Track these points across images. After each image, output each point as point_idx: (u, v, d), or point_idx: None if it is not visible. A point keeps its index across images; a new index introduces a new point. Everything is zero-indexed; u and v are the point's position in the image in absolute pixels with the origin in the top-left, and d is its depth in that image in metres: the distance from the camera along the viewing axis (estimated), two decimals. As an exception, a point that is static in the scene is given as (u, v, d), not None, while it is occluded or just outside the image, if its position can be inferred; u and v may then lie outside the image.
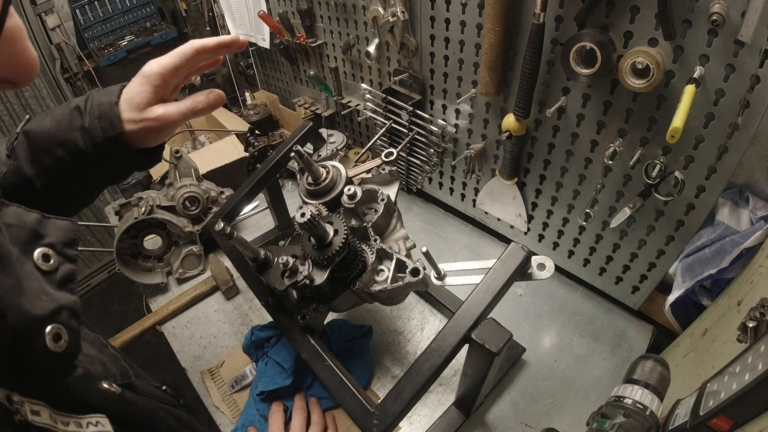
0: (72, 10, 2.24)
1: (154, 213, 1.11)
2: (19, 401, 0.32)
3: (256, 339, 0.93)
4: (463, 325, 0.61)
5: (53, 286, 0.38)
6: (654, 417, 0.53)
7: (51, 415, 0.35)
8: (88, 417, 0.38)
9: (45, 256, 0.39)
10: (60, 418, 0.35)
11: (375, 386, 0.92)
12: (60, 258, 0.41)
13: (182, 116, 0.58)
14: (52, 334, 0.35)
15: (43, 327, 0.35)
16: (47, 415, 0.34)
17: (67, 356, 0.37)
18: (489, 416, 0.85)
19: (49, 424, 0.34)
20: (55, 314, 0.36)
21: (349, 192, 0.76)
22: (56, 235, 0.41)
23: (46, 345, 0.35)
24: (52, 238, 0.41)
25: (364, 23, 1.17)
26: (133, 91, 0.57)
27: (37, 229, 0.40)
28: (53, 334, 0.35)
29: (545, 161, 0.95)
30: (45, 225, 0.41)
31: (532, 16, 0.74)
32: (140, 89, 0.57)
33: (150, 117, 0.56)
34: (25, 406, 0.32)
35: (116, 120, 0.54)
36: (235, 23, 1.72)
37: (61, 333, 0.36)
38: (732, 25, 0.58)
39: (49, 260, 0.40)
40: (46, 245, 0.40)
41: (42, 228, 0.41)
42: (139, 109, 0.56)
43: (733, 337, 0.60)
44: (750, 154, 0.68)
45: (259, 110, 1.67)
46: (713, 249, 0.74)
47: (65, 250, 0.41)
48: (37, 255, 0.39)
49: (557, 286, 1.09)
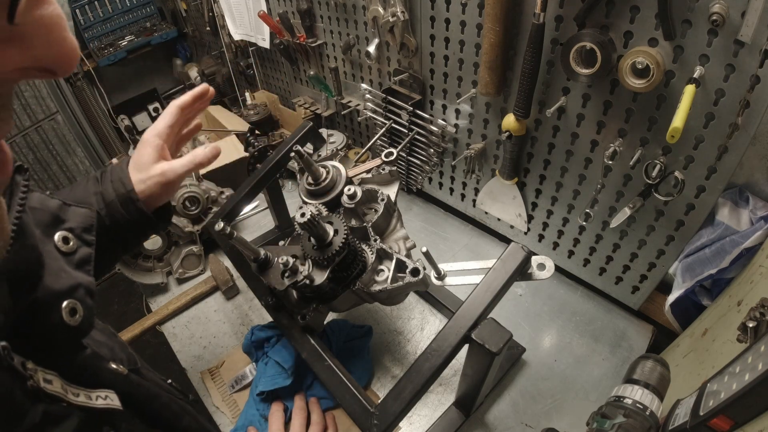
0: (72, 10, 2.24)
1: (154, 213, 1.11)
2: (33, 369, 0.34)
3: (256, 339, 0.93)
4: (463, 325, 0.61)
5: (71, 266, 0.42)
6: (654, 417, 0.53)
7: (62, 386, 0.37)
8: (98, 391, 0.40)
9: (65, 239, 0.43)
10: (71, 389, 0.37)
11: (375, 386, 0.92)
12: (78, 241, 0.44)
13: (184, 168, 0.65)
14: (68, 308, 0.38)
15: (60, 301, 0.38)
16: (59, 384, 0.36)
17: (80, 330, 0.39)
18: (489, 416, 0.85)
19: (60, 392, 0.36)
20: (73, 290, 0.39)
21: (349, 192, 0.76)
22: (76, 221, 0.45)
23: (62, 318, 0.37)
24: (72, 223, 0.44)
25: (364, 23, 1.17)
26: (137, 156, 0.65)
27: (58, 214, 0.44)
28: (70, 308, 0.38)
29: (545, 161, 0.95)
30: (66, 211, 0.45)
31: (532, 16, 0.74)
32: (143, 152, 0.65)
33: (155, 173, 0.63)
34: (38, 374, 0.35)
35: (126, 179, 0.62)
36: (235, 23, 1.72)
37: (77, 308, 0.39)
38: (732, 25, 0.58)
39: (69, 242, 0.43)
40: (67, 229, 0.43)
41: (63, 213, 0.44)
42: (145, 169, 0.63)
43: (733, 337, 0.60)
44: (750, 154, 0.68)
45: (259, 110, 1.67)
46: (713, 249, 0.74)
47: (83, 235, 0.45)
48: (57, 237, 0.42)
49: (557, 286, 1.09)
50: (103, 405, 0.40)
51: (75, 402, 0.37)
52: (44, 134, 2.32)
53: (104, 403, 0.40)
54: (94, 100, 2.51)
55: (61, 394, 0.36)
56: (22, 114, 2.21)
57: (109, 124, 2.61)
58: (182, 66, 2.67)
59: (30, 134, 2.26)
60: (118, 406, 0.41)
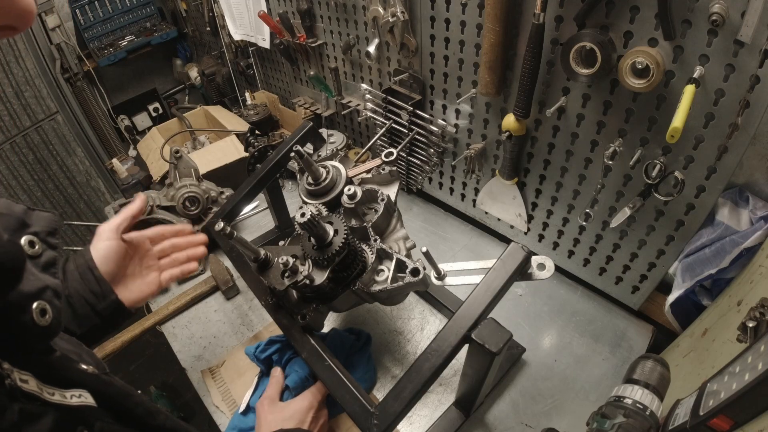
0: (72, 10, 2.24)
1: (154, 213, 1.11)
2: (9, 369, 0.35)
3: (262, 356, 0.91)
4: (463, 325, 0.61)
5: (38, 268, 0.42)
6: (654, 417, 0.53)
7: (38, 385, 0.38)
8: (72, 390, 0.41)
9: (31, 242, 0.44)
10: (46, 389, 0.38)
11: (375, 387, 0.92)
12: (44, 245, 0.45)
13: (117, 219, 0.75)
14: (38, 309, 0.39)
15: (30, 302, 0.38)
16: (35, 384, 0.37)
17: (51, 330, 0.40)
18: (489, 416, 0.85)
19: (36, 391, 0.37)
20: (41, 292, 0.40)
21: (349, 192, 0.76)
22: (40, 225, 0.46)
23: (33, 318, 0.38)
24: (36, 227, 0.45)
25: (364, 23, 1.17)
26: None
27: (23, 219, 0.45)
28: (40, 309, 0.39)
29: (545, 161, 0.95)
30: (30, 215, 0.46)
31: (532, 16, 0.74)
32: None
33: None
34: (15, 374, 0.36)
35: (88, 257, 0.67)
36: (235, 23, 1.72)
37: (47, 309, 0.39)
38: (732, 25, 0.58)
39: (35, 246, 0.44)
40: (32, 233, 0.44)
41: (28, 218, 0.45)
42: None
43: (733, 337, 0.60)
44: (750, 154, 0.68)
45: (259, 110, 1.67)
46: (713, 249, 0.74)
47: (48, 239, 0.46)
48: (24, 241, 0.43)
49: (557, 286, 1.09)
50: (78, 403, 0.41)
51: (50, 400, 0.38)
52: (44, 134, 2.32)
53: (79, 401, 0.41)
54: (94, 100, 2.51)
55: (37, 393, 0.37)
56: (22, 114, 2.21)
57: (109, 124, 2.62)
58: (182, 66, 2.67)
59: (30, 134, 2.26)
60: (93, 404, 0.42)
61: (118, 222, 0.73)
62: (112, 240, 0.70)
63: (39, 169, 2.35)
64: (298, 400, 0.78)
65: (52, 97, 2.28)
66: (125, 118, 2.64)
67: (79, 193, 2.57)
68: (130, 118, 2.67)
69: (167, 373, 2.20)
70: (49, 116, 2.31)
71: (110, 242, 0.70)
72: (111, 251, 0.69)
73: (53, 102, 2.30)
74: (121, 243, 0.71)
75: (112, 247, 0.69)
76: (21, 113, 2.20)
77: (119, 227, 0.73)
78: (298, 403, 0.77)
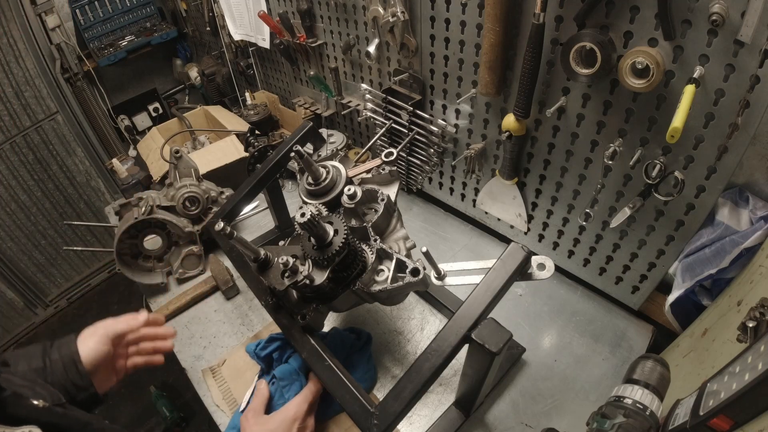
0: (72, 10, 2.24)
1: (154, 213, 1.11)
2: None
3: (262, 355, 0.91)
4: (463, 325, 0.61)
5: None
6: (654, 417, 0.53)
7: None
8: (21, 427, 0.42)
9: None
10: None
11: (375, 387, 0.92)
12: None
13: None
14: None
15: None
16: None
17: None
18: (489, 416, 0.85)
19: None
20: None
21: (349, 192, 0.76)
22: None
23: None
24: None
25: (364, 23, 1.17)
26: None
27: None
28: None
29: (545, 161, 0.95)
30: None
31: (532, 16, 0.74)
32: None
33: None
34: None
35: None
36: (235, 23, 1.72)
37: None
38: (732, 25, 0.58)
39: None
40: None
41: None
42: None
43: (733, 337, 0.60)
44: (750, 154, 0.68)
45: (259, 110, 1.67)
46: (713, 249, 0.74)
47: None
48: None
49: (557, 286, 1.09)
50: None
51: None
52: (44, 134, 2.32)
53: None
54: (94, 100, 2.51)
55: None
56: (22, 114, 2.21)
57: (109, 124, 2.62)
58: (182, 66, 2.67)
59: (30, 134, 2.26)
60: None
61: (118, 331, 0.74)
62: (105, 345, 0.71)
63: (39, 169, 2.35)
64: (282, 411, 0.77)
65: (52, 97, 2.28)
66: (125, 118, 2.64)
67: (79, 193, 2.58)
68: (130, 118, 2.67)
69: (167, 373, 2.20)
70: (49, 116, 2.31)
71: (104, 348, 0.71)
72: (100, 356, 0.70)
73: (53, 102, 2.30)
74: (111, 349, 0.72)
75: (102, 352, 0.70)
76: (21, 113, 2.20)
77: (116, 336, 0.74)
78: (282, 414, 0.76)
